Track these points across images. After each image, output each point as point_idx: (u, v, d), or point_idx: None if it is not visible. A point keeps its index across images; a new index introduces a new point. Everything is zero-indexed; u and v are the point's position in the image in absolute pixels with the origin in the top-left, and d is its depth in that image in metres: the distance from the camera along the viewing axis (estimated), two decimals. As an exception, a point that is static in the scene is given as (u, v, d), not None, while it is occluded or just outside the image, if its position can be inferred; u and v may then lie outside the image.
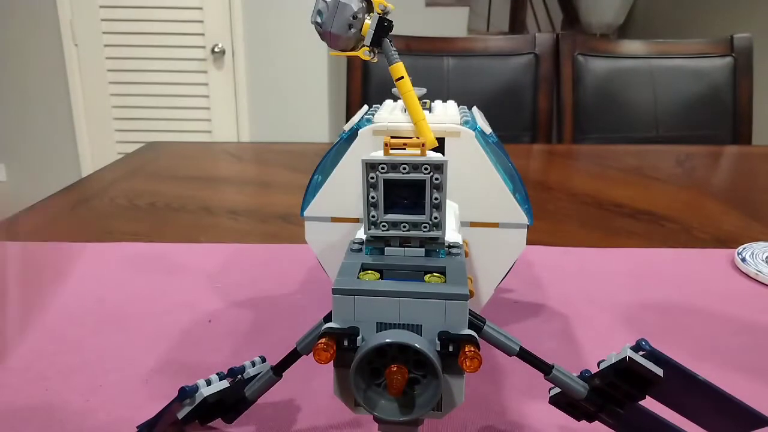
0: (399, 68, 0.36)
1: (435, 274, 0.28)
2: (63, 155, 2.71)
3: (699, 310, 0.53)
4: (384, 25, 0.36)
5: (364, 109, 0.47)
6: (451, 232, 0.32)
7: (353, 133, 0.39)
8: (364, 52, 0.36)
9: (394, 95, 0.40)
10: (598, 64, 1.47)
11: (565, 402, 0.31)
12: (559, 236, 0.72)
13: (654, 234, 0.73)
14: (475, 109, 0.48)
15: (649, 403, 0.30)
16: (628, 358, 0.28)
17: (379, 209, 0.28)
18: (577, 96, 1.45)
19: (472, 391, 0.40)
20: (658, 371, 0.28)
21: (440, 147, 0.38)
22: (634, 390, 0.29)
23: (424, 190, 0.28)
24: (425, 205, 0.28)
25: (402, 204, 0.29)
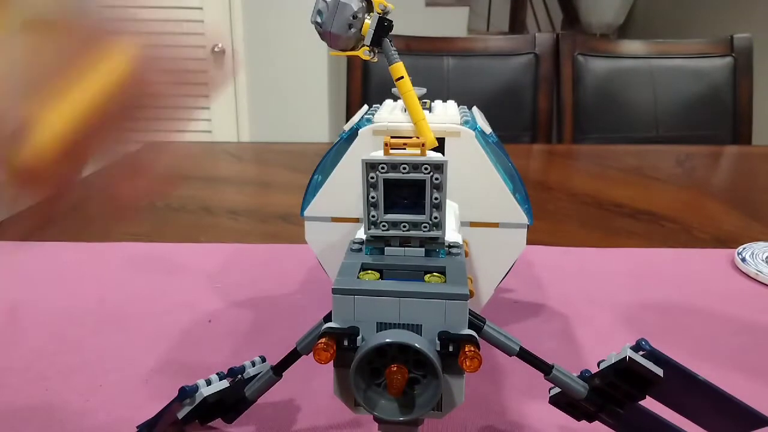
0: (399, 68, 0.36)
1: (435, 274, 0.28)
2: (62, 155, 2.71)
3: (699, 310, 0.53)
4: (384, 25, 0.36)
5: (364, 108, 0.47)
6: (451, 232, 0.32)
7: (353, 133, 0.39)
8: (364, 52, 0.36)
9: (394, 95, 0.40)
10: (598, 64, 1.47)
11: (565, 402, 0.31)
12: (559, 236, 0.72)
13: (654, 234, 0.73)
14: (475, 109, 0.48)
15: (649, 403, 0.30)
16: (628, 358, 0.28)
17: (379, 209, 0.28)
18: (577, 96, 1.45)
19: (472, 391, 0.40)
20: (658, 371, 0.28)
21: (440, 147, 0.38)
22: (634, 390, 0.29)
23: (424, 189, 0.28)
24: (425, 205, 0.28)
25: (402, 204, 0.29)
